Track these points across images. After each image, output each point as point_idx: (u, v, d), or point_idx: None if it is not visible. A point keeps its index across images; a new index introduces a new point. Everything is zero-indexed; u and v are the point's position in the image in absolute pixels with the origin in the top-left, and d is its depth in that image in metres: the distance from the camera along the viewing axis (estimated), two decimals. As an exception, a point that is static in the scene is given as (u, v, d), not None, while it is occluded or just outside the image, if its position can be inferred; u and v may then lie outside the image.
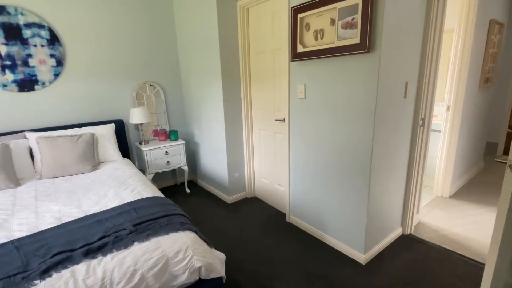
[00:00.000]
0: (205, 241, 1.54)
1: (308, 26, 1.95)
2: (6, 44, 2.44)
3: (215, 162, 3.16)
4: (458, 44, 2.67)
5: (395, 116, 1.91)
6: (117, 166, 2.52)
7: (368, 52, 1.65)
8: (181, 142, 3.20)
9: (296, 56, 2.09)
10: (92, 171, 2.45)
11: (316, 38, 1.91)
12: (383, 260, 2.03)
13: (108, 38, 2.91)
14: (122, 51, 3.02)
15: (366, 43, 1.64)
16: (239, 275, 1.94)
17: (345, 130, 1.91)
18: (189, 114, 3.48)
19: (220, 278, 1.52)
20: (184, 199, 3.22)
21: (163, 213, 1.60)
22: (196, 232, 1.53)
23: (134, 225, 1.46)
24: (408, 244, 2.21)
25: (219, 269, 1.50)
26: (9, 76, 2.50)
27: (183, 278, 1.34)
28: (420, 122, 2.09)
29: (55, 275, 1.15)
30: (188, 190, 3.42)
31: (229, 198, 3.06)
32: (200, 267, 1.39)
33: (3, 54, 2.44)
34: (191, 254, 1.38)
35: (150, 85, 3.27)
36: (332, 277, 1.89)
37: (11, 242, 1.39)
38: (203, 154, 3.40)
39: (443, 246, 2.17)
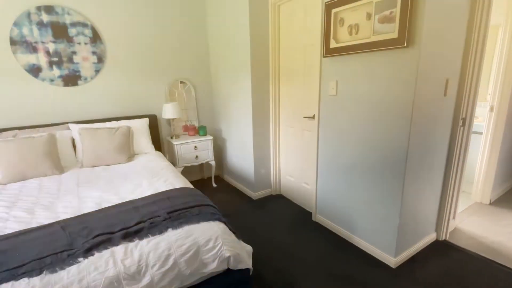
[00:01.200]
0: (233, 232, 1.57)
1: (342, 21, 1.91)
2: (54, 42, 2.64)
3: (241, 158, 3.20)
4: (504, 40, 2.48)
5: (434, 115, 1.82)
6: (150, 158, 2.64)
7: (407, 47, 1.59)
8: (209, 137, 3.28)
9: (328, 51, 2.06)
10: (128, 162, 2.59)
11: (350, 33, 1.87)
12: (415, 265, 1.95)
13: (144, 37, 3.05)
14: (157, 49, 3.15)
15: (404, 37, 1.57)
16: (265, 270, 1.95)
17: (379, 128, 1.85)
18: (218, 111, 3.56)
19: (247, 270, 1.54)
20: (211, 193, 3.29)
21: (194, 203, 1.66)
22: (225, 223, 1.57)
23: (168, 213, 1.53)
24: (443, 250, 2.09)
25: (246, 261, 1.52)
26: (56, 72, 2.70)
27: (213, 266, 1.38)
28: (460, 122, 1.97)
29: (96, 254, 1.24)
30: (214, 185, 3.50)
31: (255, 194, 3.08)
32: (229, 256, 1.42)
33: (51, 51, 2.65)
34: (220, 243, 1.41)
35: (182, 82, 3.38)
36: (359, 279, 1.84)
37: (57, 222, 1.51)
38: (229, 150, 3.45)
39: (482, 254, 2.03)
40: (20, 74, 2.56)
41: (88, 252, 1.25)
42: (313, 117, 2.49)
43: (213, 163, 3.37)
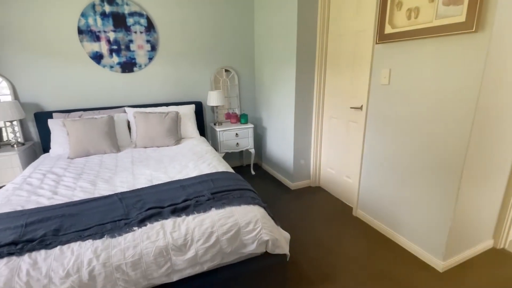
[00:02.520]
0: (272, 218, 1.60)
1: (400, 4, 1.77)
2: (114, 31, 2.87)
3: (281, 147, 3.21)
4: None
5: (502, 111, 1.61)
6: (195, 143, 2.77)
7: (475, 32, 1.42)
8: (250, 125, 3.33)
9: (382, 37, 1.93)
10: (175, 145, 2.76)
11: (409, 18, 1.73)
12: (465, 272, 1.79)
13: (193, 26, 3.16)
14: (205, 38, 3.24)
15: (473, 21, 1.41)
16: (301, 258, 1.96)
17: (436, 123, 1.71)
18: (260, 99, 3.58)
19: (284, 255, 1.56)
20: (249, 180, 3.36)
21: (236, 187, 1.71)
22: (265, 208, 1.60)
23: (212, 194, 1.61)
24: (500, 260, 1.89)
25: (284, 246, 1.54)
26: (115, 59, 2.94)
27: (252, 248, 1.43)
28: (536, 119, 1.72)
29: (149, 225, 1.36)
30: (253, 172, 3.57)
31: (293, 185, 3.08)
32: (268, 240, 1.45)
33: (111, 39, 2.88)
34: (260, 227, 1.45)
35: (226, 70, 3.45)
36: (402, 279, 1.76)
37: (116, 194, 1.68)
38: (269, 139, 3.47)
39: (552, 270, 1.79)
40: (86, 61, 2.84)
41: (141, 222, 1.37)
42: (360, 108, 2.38)
43: (252, 150, 3.43)
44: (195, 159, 2.28)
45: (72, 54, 2.77)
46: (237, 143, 3.31)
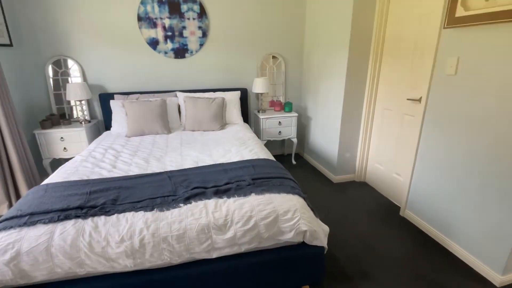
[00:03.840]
0: (312, 209, 1.57)
1: (478, -19, 1.53)
2: (169, 18, 3.01)
3: (325, 138, 3.10)
4: None
5: None
6: (238, 129, 2.83)
7: None
8: (294, 114, 3.27)
9: (453, 21, 1.70)
10: (220, 130, 2.85)
11: (488, -3, 1.49)
12: (533, 293, 1.57)
13: (243, 13, 3.16)
14: (254, 24, 3.23)
15: None
16: (339, 253, 1.91)
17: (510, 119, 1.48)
18: (306, 88, 3.48)
19: (322, 248, 1.53)
20: (290, 169, 3.34)
21: (276, 175, 1.71)
22: (304, 199, 1.57)
23: (252, 179, 1.63)
24: None
25: (322, 239, 1.51)
26: (169, 45, 3.10)
27: (289, 236, 1.43)
28: None
29: (193, 203, 1.44)
30: (294, 162, 3.53)
31: (335, 178, 2.98)
32: (306, 231, 1.43)
33: (166, 26, 3.03)
34: (298, 216, 1.43)
35: (273, 56, 3.41)
36: (448, 287, 1.61)
37: (165, 172, 1.80)
38: (313, 129, 3.38)
39: None
40: (143, 47, 3.04)
41: (187, 200, 1.46)
42: (419, 100, 2.16)
43: (295, 140, 3.38)
44: (237, 145, 2.33)
45: (132, 40, 2.99)
46: (280, 132, 3.29)
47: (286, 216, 1.42)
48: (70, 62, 2.94)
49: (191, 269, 1.38)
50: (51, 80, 2.93)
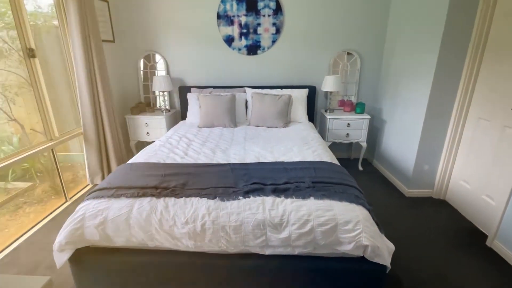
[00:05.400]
0: (377, 223, 1.44)
1: None
2: (246, 15, 3.11)
3: (401, 145, 2.79)
4: None
5: None
6: (302, 128, 2.77)
7: None
8: (366, 116, 3.04)
9: None
10: (283, 127, 2.84)
11: None
12: None
13: (319, 7, 3.05)
14: (329, 19, 3.08)
15: None
16: (404, 276, 1.71)
17: None
18: (383, 88, 3.18)
19: (384, 267, 1.40)
20: (355, 176, 3.11)
21: (339, 181, 1.62)
22: (369, 211, 1.45)
23: (312, 182, 1.58)
24: None
25: (385, 257, 1.37)
26: (243, 42, 3.21)
27: (347, 248, 1.34)
28: None
29: (251, 198, 1.47)
30: (361, 168, 3.29)
31: (408, 191, 2.66)
32: (367, 246, 1.32)
33: (242, 23, 3.14)
34: (360, 229, 1.33)
35: (348, 53, 3.21)
36: None
37: (229, 164, 1.89)
38: (387, 134, 3.08)
39: None
40: (220, 44, 3.22)
41: (246, 194, 1.50)
42: (529, 111, 1.75)
43: (364, 144, 3.14)
44: (300, 144, 2.28)
45: (211, 37, 3.20)
46: (348, 134, 3.10)
47: (347, 227, 1.34)
48: (158, 57, 3.32)
49: (245, 261, 1.42)
50: (141, 72, 3.36)
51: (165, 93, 3.33)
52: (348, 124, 3.05)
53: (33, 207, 2.46)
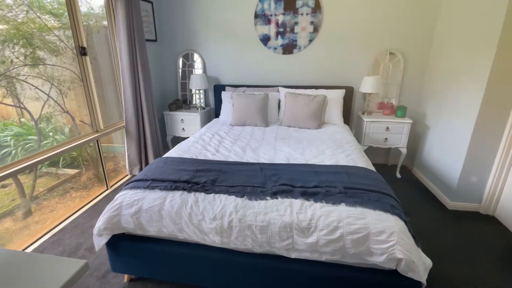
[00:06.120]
0: (413, 236, 1.34)
1: None
2: (283, 14, 3.08)
3: (446, 154, 2.57)
4: None
5: None
6: (337, 130, 2.68)
7: None
8: (407, 120, 2.84)
9: None
10: (316, 128, 2.77)
11: None
12: None
13: (362, 4, 2.91)
14: (371, 17, 2.93)
15: None
16: (442, 295, 1.57)
17: None
18: (428, 92, 2.95)
19: (418, 283, 1.29)
20: (392, 183, 2.94)
21: (374, 188, 1.53)
22: (406, 223, 1.35)
23: (345, 188, 1.51)
24: None
25: (420, 273, 1.27)
26: (279, 41, 3.18)
27: (379, 259, 1.26)
28: None
29: (279, 199, 1.45)
30: (398, 175, 3.09)
31: (451, 204, 2.44)
32: (401, 259, 1.23)
33: (279, 22, 3.11)
34: (395, 241, 1.24)
35: (391, 53, 3.03)
36: None
37: (258, 164, 1.88)
38: (431, 140, 2.85)
39: None
40: (256, 43, 3.23)
41: (274, 194, 1.48)
42: None
43: (404, 150, 2.94)
44: (333, 147, 2.20)
45: (247, 37, 3.22)
46: (386, 138, 2.92)
47: (379, 237, 1.26)
48: (195, 56, 3.42)
49: (270, 262, 1.41)
50: (180, 70, 3.50)
51: (201, 91, 3.43)
52: (387, 128, 2.88)
53: (79, 193, 2.69)
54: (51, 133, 2.53)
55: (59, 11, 2.27)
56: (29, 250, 1.94)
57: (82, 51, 2.37)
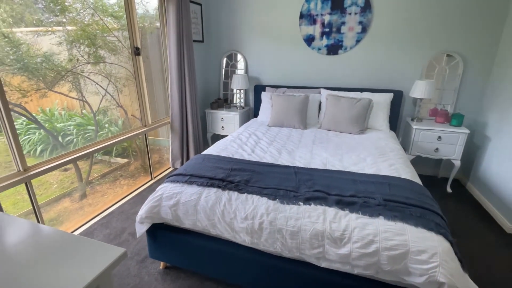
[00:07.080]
0: (460, 260, 1.21)
1: None
2: (330, 14, 2.98)
3: (508, 170, 2.27)
4: None
5: None
6: (381, 136, 2.52)
7: None
8: (464, 130, 2.56)
9: None
10: (358, 134, 2.64)
11: None
12: None
13: (417, 2, 2.69)
14: (427, 16, 2.69)
15: None
16: (492, 330, 1.40)
17: None
18: (490, 99, 2.63)
19: (463, 314, 1.17)
20: (441, 198, 2.69)
21: (417, 203, 1.41)
22: (452, 244, 1.23)
23: (384, 200, 1.42)
24: None
25: (466, 303, 1.15)
26: (324, 41, 3.09)
27: (417, 280, 1.16)
28: None
29: (312, 206, 1.42)
30: (449, 190, 2.81)
31: (510, 226, 2.15)
32: (443, 283, 1.12)
33: (325, 22, 3.02)
34: (437, 263, 1.14)
35: (448, 55, 2.75)
36: None
37: (293, 167, 1.86)
38: (491, 153, 2.54)
39: None
40: (299, 43, 3.18)
41: (307, 200, 1.45)
42: None
43: (457, 162, 2.66)
44: (375, 155, 2.08)
45: (291, 37, 3.19)
46: (437, 149, 2.67)
47: (420, 257, 1.16)
48: (239, 56, 3.49)
49: (299, 268, 1.39)
50: (223, 70, 3.60)
51: (242, 91, 3.49)
52: (439, 137, 2.63)
53: (126, 181, 2.93)
54: (106, 125, 2.80)
55: (119, 13, 2.49)
56: (81, 229, 2.17)
57: (136, 51, 2.57)
